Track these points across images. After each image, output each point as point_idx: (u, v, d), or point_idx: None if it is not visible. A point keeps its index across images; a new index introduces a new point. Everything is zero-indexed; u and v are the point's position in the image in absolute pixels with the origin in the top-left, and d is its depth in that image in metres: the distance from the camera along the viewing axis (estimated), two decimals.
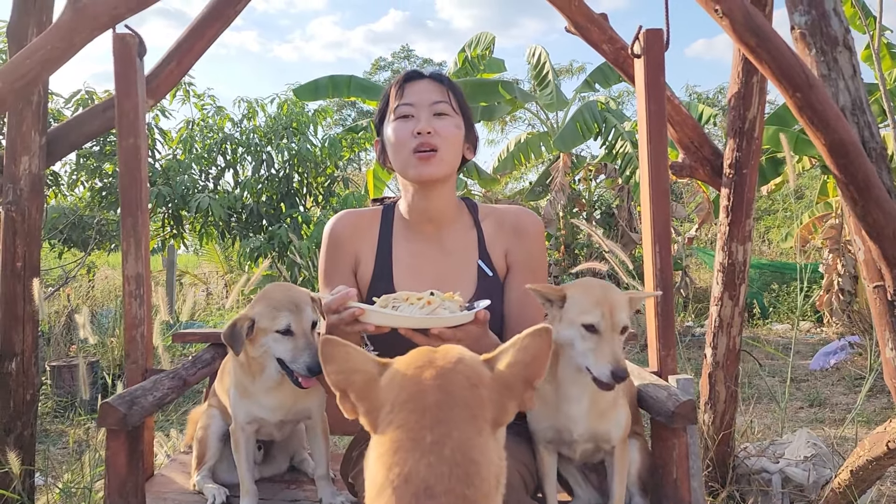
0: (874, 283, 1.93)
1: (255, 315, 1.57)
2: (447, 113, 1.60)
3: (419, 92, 1.60)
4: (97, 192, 7.81)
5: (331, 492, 1.74)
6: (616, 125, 8.22)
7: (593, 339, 1.38)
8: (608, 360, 1.35)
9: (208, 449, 1.89)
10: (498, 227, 1.72)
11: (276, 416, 1.69)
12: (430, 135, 1.56)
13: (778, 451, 2.96)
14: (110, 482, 1.65)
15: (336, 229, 1.74)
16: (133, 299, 2.15)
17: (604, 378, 1.35)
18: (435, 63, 32.76)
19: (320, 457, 1.77)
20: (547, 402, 1.50)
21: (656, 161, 1.95)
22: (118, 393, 1.72)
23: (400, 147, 1.60)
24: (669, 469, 1.59)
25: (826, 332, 7.44)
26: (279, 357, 1.56)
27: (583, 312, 1.39)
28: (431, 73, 1.65)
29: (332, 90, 8.87)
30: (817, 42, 1.90)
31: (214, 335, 2.39)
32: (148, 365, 2.19)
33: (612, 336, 1.38)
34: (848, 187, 1.81)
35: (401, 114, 1.60)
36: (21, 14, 2.55)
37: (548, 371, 1.48)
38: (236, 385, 1.69)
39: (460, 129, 1.63)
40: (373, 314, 1.35)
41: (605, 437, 1.52)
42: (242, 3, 2.43)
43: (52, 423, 4.50)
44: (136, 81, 2.17)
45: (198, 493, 1.87)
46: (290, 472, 2.04)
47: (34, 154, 2.59)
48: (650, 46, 2.00)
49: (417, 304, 1.37)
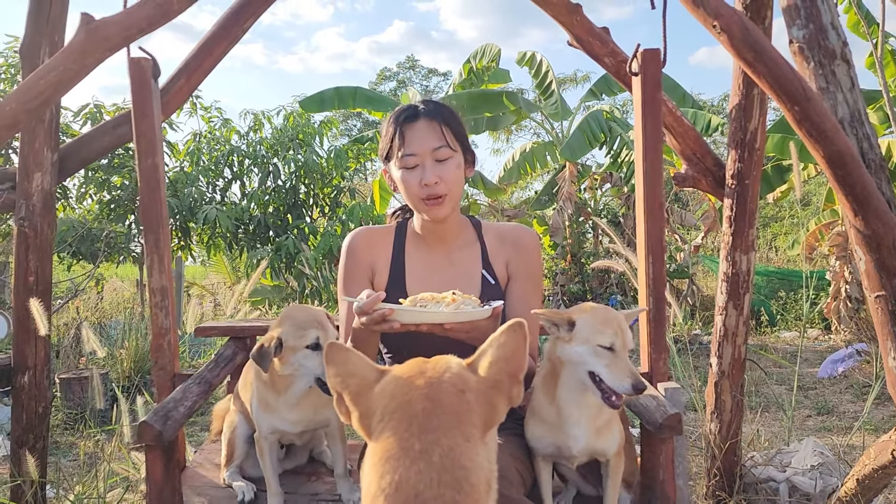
0: (875, 292, 1.94)
1: (281, 334, 1.71)
2: (447, 156, 1.74)
3: (419, 138, 1.73)
4: (105, 204, 7.88)
5: (349, 488, 1.90)
6: (621, 134, 8.26)
7: (609, 357, 1.49)
8: (627, 374, 1.46)
9: (236, 449, 2.08)
10: (499, 242, 1.90)
11: (298, 428, 1.85)
12: (437, 184, 1.72)
13: (785, 459, 2.96)
14: (150, 492, 1.81)
15: (353, 244, 1.90)
16: (159, 310, 2.28)
17: (624, 391, 1.45)
18: (440, 74, 32.90)
19: (338, 458, 1.93)
20: (548, 422, 1.62)
21: (651, 176, 2.02)
22: (153, 409, 1.86)
23: (410, 195, 1.77)
24: (657, 471, 1.74)
25: (834, 339, 7.41)
26: (314, 374, 1.70)
27: (597, 333, 1.50)
28: (426, 111, 1.76)
29: (338, 102, 8.95)
30: (815, 55, 1.93)
31: (234, 329, 2.54)
32: (175, 370, 2.31)
33: (625, 353, 1.49)
34: (847, 198, 1.83)
35: (405, 164, 1.74)
36: (34, 34, 2.60)
37: (548, 394, 1.60)
38: (259, 399, 1.84)
39: (461, 167, 1.79)
40: (403, 313, 1.48)
41: (602, 452, 1.64)
42: (250, 21, 2.48)
43: (63, 436, 4.53)
44: (152, 102, 2.27)
45: (227, 486, 2.04)
46: (310, 463, 2.20)
47: (46, 171, 2.64)
48: (647, 65, 2.05)
49: (443, 303, 1.50)
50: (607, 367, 1.48)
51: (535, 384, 1.66)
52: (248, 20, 2.48)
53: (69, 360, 5.64)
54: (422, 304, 1.52)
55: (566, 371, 1.56)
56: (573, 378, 1.55)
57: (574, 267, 9.09)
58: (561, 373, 1.57)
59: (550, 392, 1.60)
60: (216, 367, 2.27)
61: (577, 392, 1.56)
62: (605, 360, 1.49)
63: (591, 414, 1.58)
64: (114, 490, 2.83)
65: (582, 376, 1.53)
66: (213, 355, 2.37)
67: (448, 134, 1.74)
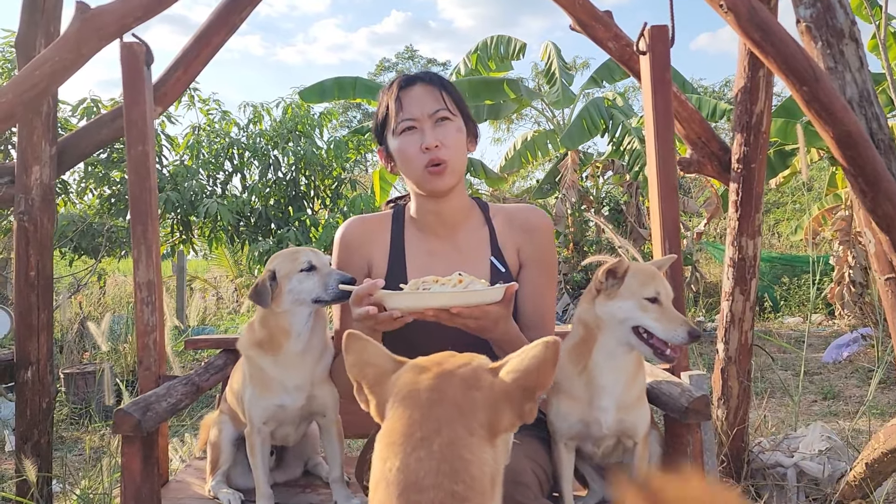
0: (885, 275, 1.92)
1: (274, 267, 1.65)
2: (447, 117, 1.64)
3: (417, 102, 1.63)
4: (106, 199, 7.85)
5: (345, 495, 1.76)
6: (623, 121, 8.20)
7: (656, 309, 1.44)
8: (680, 323, 1.41)
9: (221, 454, 1.92)
10: (508, 225, 1.75)
11: (298, 401, 1.70)
12: (438, 148, 1.60)
13: (792, 444, 2.95)
14: (126, 488, 1.67)
15: (346, 236, 1.77)
16: (145, 306, 2.16)
17: (680, 341, 1.40)
18: (439, 63, 32.78)
19: (335, 459, 1.79)
20: (576, 396, 1.52)
21: (664, 157, 1.95)
22: (132, 400, 1.75)
23: (410, 163, 1.64)
24: (684, 465, 1.60)
25: (838, 324, 7.40)
26: (312, 294, 1.62)
27: (641, 286, 1.45)
28: (423, 77, 1.69)
29: (338, 92, 8.90)
30: (823, 35, 1.90)
31: (226, 341, 2.41)
32: (161, 371, 2.20)
33: (670, 304, 1.45)
34: (857, 179, 1.81)
35: (404, 127, 1.63)
36: (29, 25, 2.57)
37: (578, 363, 1.52)
38: (253, 381, 1.71)
39: (462, 132, 1.67)
40: (404, 298, 1.34)
41: (632, 430, 1.54)
42: (247, 10, 2.44)
43: (68, 431, 4.53)
44: (144, 90, 2.19)
45: (213, 498, 1.90)
46: (304, 476, 2.06)
47: (45, 164, 2.61)
48: (655, 43, 2.00)
49: (448, 284, 1.38)
50: (657, 321, 1.43)
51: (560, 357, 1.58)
52: (246, 9, 2.44)
53: (73, 356, 5.64)
54: (424, 286, 1.38)
55: (605, 333, 1.49)
56: (612, 340, 1.49)
57: (577, 256, 9.07)
58: (598, 336, 1.49)
59: (581, 360, 1.51)
60: (205, 372, 2.15)
61: (614, 357, 1.49)
62: (653, 313, 1.43)
63: (625, 383, 1.51)
64: (119, 485, 2.83)
65: (626, 335, 1.47)
66: (204, 363, 2.26)
67: (447, 98, 1.65)
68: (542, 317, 1.72)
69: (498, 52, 9.42)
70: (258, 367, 1.70)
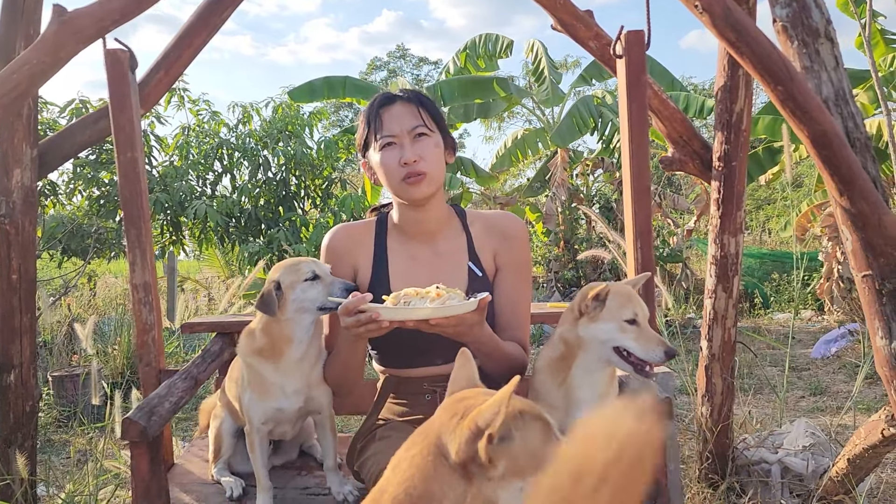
0: (862, 272, 1.93)
1: (278, 277, 1.73)
2: (426, 133, 1.72)
3: (396, 119, 1.72)
4: (95, 200, 7.84)
5: (339, 481, 1.89)
6: (612, 119, 8.23)
7: (634, 330, 1.52)
8: (656, 343, 1.50)
9: (223, 444, 2.06)
10: (486, 231, 1.84)
11: (295, 404, 1.81)
12: (416, 162, 1.69)
13: (776, 441, 2.96)
14: (136, 488, 1.78)
15: (333, 243, 1.86)
16: (143, 306, 2.26)
17: (658, 360, 1.50)
18: (431, 62, 32.75)
19: (328, 450, 1.92)
20: (555, 406, 1.60)
21: (638, 159, 1.99)
22: (137, 405, 1.84)
23: (390, 176, 1.72)
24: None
25: (827, 320, 7.43)
26: (316, 302, 1.71)
27: (622, 308, 1.53)
28: (402, 95, 1.76)
29: (328, 91, 8.90)
30: (799, 34, 1.91)
31: (221, 324, 2.52)
32: (161, 366, 2.29)
33: (646, 325, 1.53)
34: (833, 178, 1.82)
35: (384, 143, 1.72)
36: (8, 28, 2.56)
37: (557, 376, 1.59)
38: (252, 386, 1.80)
39: (440, 146, 1.76)
40: (386, 311, 1.46)
41: None
42: (228, 11, 2.45)
43: (56, 434, 4.51)
44: (129, 95, 2.24)
45: (216, 482, 2.03)
46: (299, 457, 2.19)
47: (26, 167, 2.61)
48: (631, 47, 2.03)
49: (427, 298, 1.48)
50: (635, 341, 1.51)
51: (539, 367, 1.65)
52: (226, 10, 2.44)
53: (62, 358, 5.61)
54: (405, 300, 1.50)
55: (586, 352, 1.57)
56: (593, 358, 1.57)
57: (567, 253, 9.08)
58: (578, 354, 1.58)
59: (560, 374, 1.60)
60: (203, 362, 2.25)
61: (592, 373, 1.58)
62: (632, 333, 1.51)
63: (601, 395, 1.59)
64: (105, 487, 2.82)
65: (607, 354, 1.55)
66: (201, 351, 2.35)
67: (425, 115, 1.73)
68: (519, 317, 1.82)
69: (486, 50, 9.43)
70: (258, 374, 1.79)
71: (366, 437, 1.79)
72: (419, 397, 1.81)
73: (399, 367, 1.83)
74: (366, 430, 1.81)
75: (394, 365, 1.84)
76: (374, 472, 1.61)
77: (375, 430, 1.80)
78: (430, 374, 1.80)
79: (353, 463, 1.80)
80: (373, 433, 1.79)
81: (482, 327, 1.59)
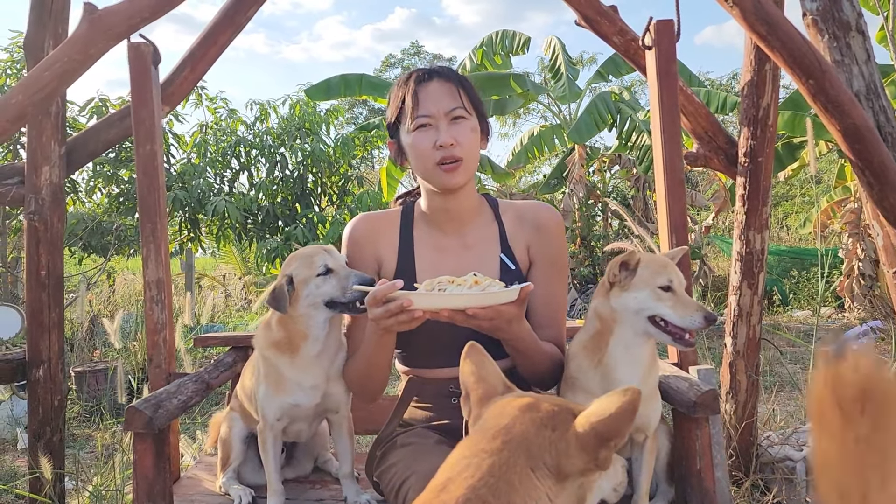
0: (893, 267, 1.91)
1: (290, 272, 1.63)
2: (463, 116, 1.61)
3: (434, 98, 1.60)
4: (115, 198, 7.90)
5: (356, 490, 1.77)
6: (631, 115, 8.18)
7: (670, 297, 1.46)
8: (694, 308, 1.43)
9: (232, 451, 1.93)
10: (518, 222, 1.73)
11: (314, 399, 1.70)
12: (453, 146, 1.58)
13: (801, 438, 2.94)
14: (138, 485, 1.69)
15: (355, 233, 1.74)
16: (154, 304, 2.19)
17: (697, 325, 1.42)
18: (445, 59, 32.73)
19: (345, 455, 1.80)
20: (592, 391, 1.50)
21: (670, 151, 1.96)
22: (143, 397, 1.76)
23: (423, 159, 1.61)
24: (693, 460, 1.61)
25: (848, 317, 7.36)
26: (330, 298, 1.60)
27: (654, 275, 1.47)
28: (441, 72, 1.65)
29: (344, 89, 8.90)
30: (829, 28, 1.89)
31: (234, 339, 2.43)
32: (171, 369, 2.22)
33: (683, 291, 1.47)
34: (864, 172, 1.80)
35: (419, 124, 1.60)
36: (37, 27, 2.59)
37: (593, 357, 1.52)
38: (267, 380, 1.71)
39: (476, 131, 1.65)
40: (420, 298, 1.32)
41: (645, 424, 1.55)
42: (253, 10, 2.46)
43: (79, 428, 4.57)
44: (151, 90, 2.22)
45: (224, 494, 1.91)
46: (314, 472, 2.07)
47: (54, 164, 2.64)
48: (661, 38, 2.00)
49: (465, 285, 1.36)
50: (672, 308, 1.44)
51: (574, 352, 1.57)
52: (251, 8, 2.45)
53: (83, 354, 5.68)
54: (440, 287, 1.36)
55: (621, 325, 1.50)
56: (629, 331, 1.49)
57: (584, 250, 9.06)
58: (614, 329, 1.50)
59: (597, 353, 1.52)
60: (215, 370, 2.16)
61: (630, 349, 1.50)
62: (668, 301, 1.45)
63: (641, 375, 1.50)
64: (131, 481, 2.85)
65: (643, 325, 1.48)
66: (213, 360, 2.27)
67: (464, 96, 1.61)
68: (554, 315, 1.70)
69: (503, 46, 9.39)
70: (274, 367, 1.70)
71: (386, 444, 1.66)
72: (445, 400, 1.68)
73: (424, 367, 1.71)
74: (386, 436, 1.67)
75: (418, 364, 1.72)
76: (396, 484, 1.50)
77: (397, 436, 1.67)
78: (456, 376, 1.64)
79: (373, 472, 1.68)
80: (394, 440, 1.66)
81: (521, 322, 1.48)
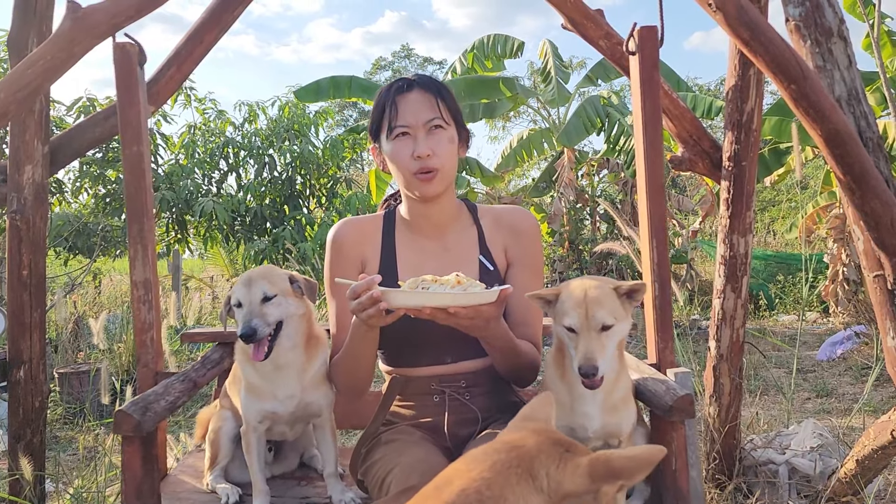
0: (874, 272, 1.93)
1: (230, 293, 1.71)
2: (441, 126, 1.66)
3: (412, 109, 1.65)
4: (101, 198, 7.85)
5: (340, 489, 1.81)
6: (619, 119, 8.22)
7: (574, 338, 1.44)
8: (580, 356, 1.40)
9: (220, 449, 1.96)
10: (496, 226, 1.80)
11: (287, 408, 1.75)
12: (430, 157, 1.63)
13: (784, 442, 2.96)
14: (127, 486, 1.71)
15: (339, 237, 1.78)
16: (142, 304, 2.20)
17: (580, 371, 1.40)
18: (435, 62, 32.77)
19: (329, 455, 1.84)
20: (560, 401, 1.52)
21: (652, 157, 1.98)
22: (131, 400, 1.77)
23: (401, 168, 1.67)
24: (669, 460, 1.63)
25: (833, 322, 7.42)
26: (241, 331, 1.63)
27: (563, 314, 1.46)
28: (421, 82, 1.69)
29: (334, 91, 8.90)
30: (812, 33, 1.91)
31: (222, 334, 2.43)
32: (158, 368, 2.23)
33: (590, 334, 1.42)
34: (845, 177, 1.82)
35: (398, 133, 1.66)
36: (21, 24, 2.57)
37: (558, 368, 1.54)
38: (246, 384, 1.77)
39: (454, 142, 1.70)
40: (403, 296, 1.37)
41: (617, 431, 1.56)
42: (240, 9, 2.45)
43: (62, 430, 4.53)
44: (138, 90, 2.22)
45: (211, 492, 1.93)
46: (300, 468, 2.10)
47: (37, 163, 2.62)
48: (644, 43, 2.02)
49: (448, 284, 1.40)
50: (575, 349, 1.43)
51: (548, 362, 1.60)
52: (238, 8, 2.45)
53: (67, 355, 5.63)
54: (424, 286, 1.40)
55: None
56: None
57: (572, 254, 9.08)
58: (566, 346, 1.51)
59: (560, 367, 1.54)
60: (202, 367, 2.18)
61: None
62: (573, 340, 1.44)
63: (605, 389, 1.49)
64: (114, 484, 2.83)
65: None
66: (200, 357, 2.29)
67: (442, 107, 1.66)
68: (530, 315, 1.75)
69: (495, 50, 9.41)
70: (248, 376, 1.76)
71: (370, 441, 1.71)
72: (427, 398, 1.73)
73: (406, 366, 1.76)
74: (370, 434, 1.72)
75: (401, 363, 1.77)
76: (380, 477, 1.54)
77: (381, 433, 1.72)
78: (438, 374, 1.73)
79: (357, 470, 1.71)
80: (378, 437, 1.71)
81: (498, 322, 1.54)
